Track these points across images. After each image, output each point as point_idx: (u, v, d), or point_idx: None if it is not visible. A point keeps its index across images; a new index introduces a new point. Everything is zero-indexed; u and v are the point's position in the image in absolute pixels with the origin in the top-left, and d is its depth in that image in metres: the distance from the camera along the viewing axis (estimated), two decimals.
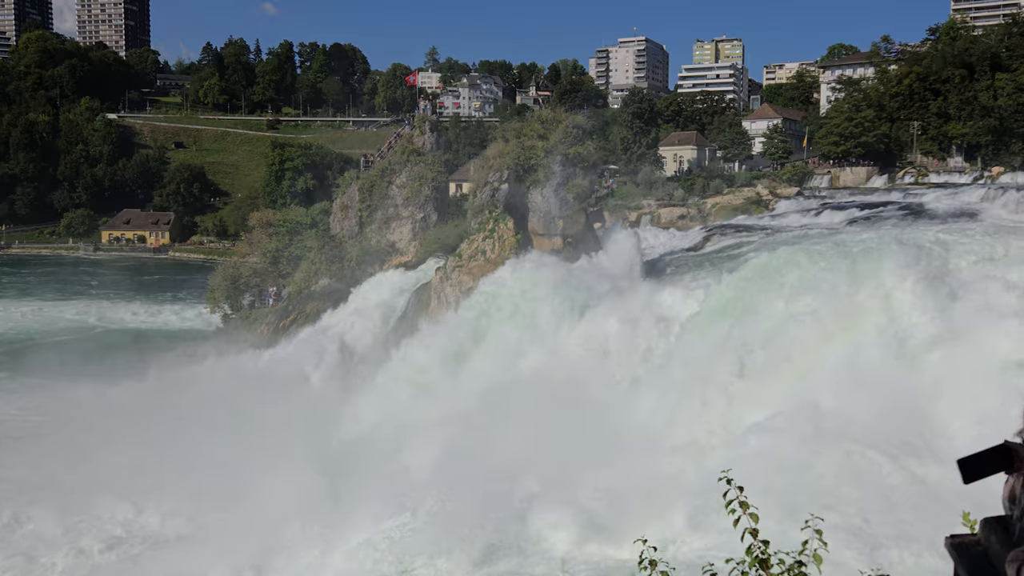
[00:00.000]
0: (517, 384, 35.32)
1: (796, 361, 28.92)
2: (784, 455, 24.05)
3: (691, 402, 29.93)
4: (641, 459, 27.47)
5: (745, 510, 5.32)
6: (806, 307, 30.54)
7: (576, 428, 29.64)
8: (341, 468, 32.55)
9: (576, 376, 34.53)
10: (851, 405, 26.02)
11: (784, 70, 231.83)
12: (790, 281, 32.32)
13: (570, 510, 25.64)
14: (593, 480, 26.86)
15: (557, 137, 50.13)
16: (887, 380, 26.78)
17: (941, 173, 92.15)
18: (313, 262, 63.87)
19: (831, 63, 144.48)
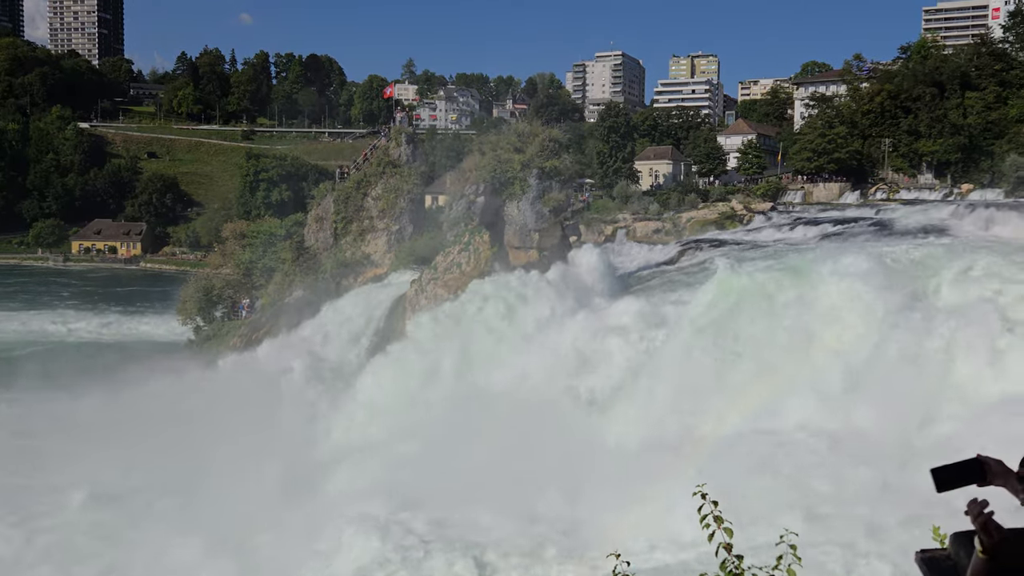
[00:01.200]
0: (484, 400, 35.05)
1: (771, 375, 28.98)
2: (759, 470, 24.01)
3: (664, 418, 29.86)
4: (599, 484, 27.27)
5: (719, 524, 5.26)
6: (782, 322, 30.66)
7: (536, 449, 29.41)
8: (294, 490, 31.95)
9: (544, 393, 34.37)
10: (831, 417, 26.08)
11: (758, 86, 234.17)
12: (765, 297, 32.42)
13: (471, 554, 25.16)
14: (545, 509, 26.60)
15: (533, 150, 50.13)
16: (869, 390, 26.86)
17: (912, 190, 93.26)
18: (287, 274, 63.33)
19: (804, 80, 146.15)
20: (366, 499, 29.17)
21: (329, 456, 37.57)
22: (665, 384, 31.55)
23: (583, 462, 28.85)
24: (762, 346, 30.39)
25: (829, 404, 26.71)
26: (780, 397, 27.67)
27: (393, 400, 40.67)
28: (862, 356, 28.14)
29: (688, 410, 29.54)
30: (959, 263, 33.04)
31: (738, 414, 28.05)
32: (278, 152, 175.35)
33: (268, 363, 51.57)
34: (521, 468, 28.60)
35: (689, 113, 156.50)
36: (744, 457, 24.90)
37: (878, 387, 26.76)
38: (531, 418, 32.31)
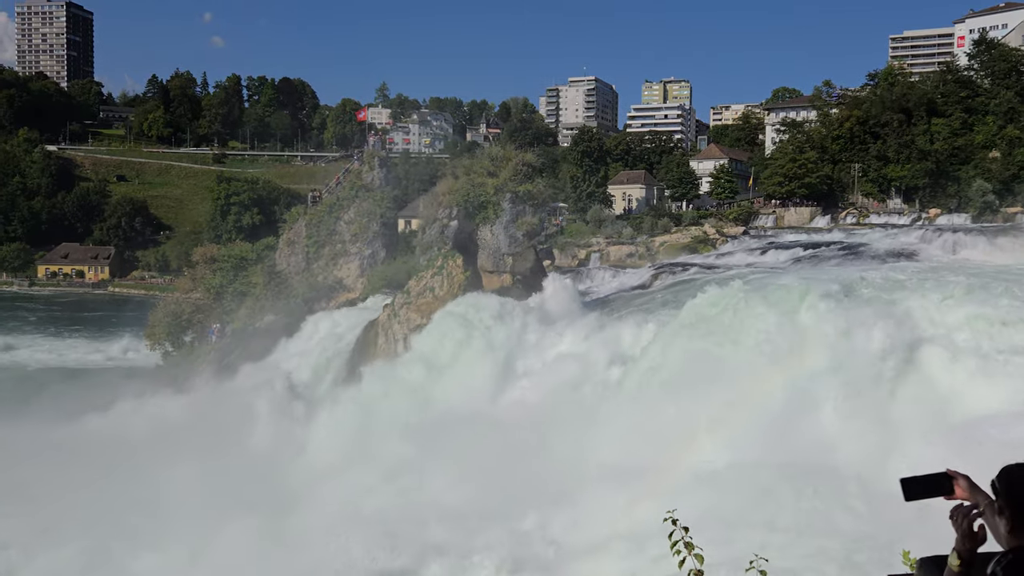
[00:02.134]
0: (455, 426, 34.69)
1: (746, 400, 28.89)
2: (736, 497, 23.84)
3: (637, 444, 29.65)
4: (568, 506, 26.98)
5: (690, 551, 5.25)
6: (754, 347, 30.65)
7: (509, 474, 29.12)
8: (263, 521, 31.19)
9: (514, 417, 34.10)
10: (801, 443, 26.00)
11: (730, 111, 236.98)
12: (737, 323, 32.45)
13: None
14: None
15: (507, 174, 50.08)
16: (836, 420, 26.89)
17: (881, 214, 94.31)
18: (258, 298, 62.71)
19: (775, 105, 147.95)
20: (338, 530, 28.60)
21: (300, 483, 36.86)
22: (636, 410, 31.40)
23: (555, 488, 28.52)
24: (731, 371, 30.38)
25: (795, 430, 26.68)
26: (749, 423, 27.61)
27: (365, 426, 40.13)
28: (826, 383, 28.24)
29: (657, 437, 29.38)
30: (927, 288, 33.35)
31: (708, 441, 27.94)
32: (250, 175, 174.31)
33: (238, 388, 50.83)
34: (495, 493, 28.25)
35: (662, 138, 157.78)
36: (715, 484, 24.72)
37: (839, 413, 26.83)
38: (502, 443, 31.99)
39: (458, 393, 38.68)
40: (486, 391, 37.87)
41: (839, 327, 30.25)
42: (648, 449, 28.49)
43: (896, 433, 25.87)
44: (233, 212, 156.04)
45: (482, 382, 38.96)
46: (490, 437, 32.17)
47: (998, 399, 25.31)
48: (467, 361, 41.03)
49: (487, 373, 39.50)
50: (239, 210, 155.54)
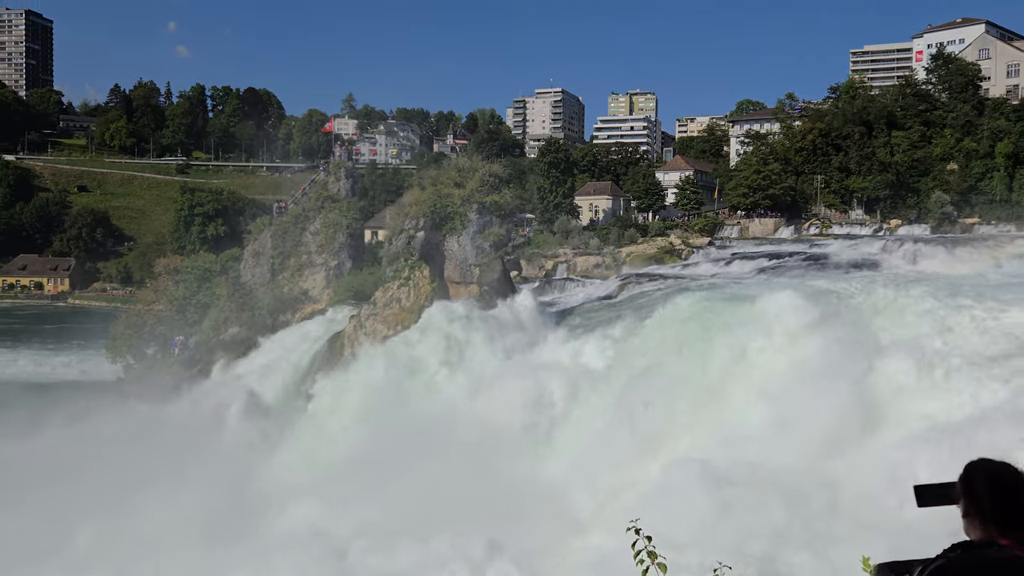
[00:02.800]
0: (424, 437, 34.49)
1: (710, 411, 29.05)
2: (694, 507, 23.94)
3: (595, 456, 29.71)
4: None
5: (653, 560, 5.21)
6: (714, 358, 30.87)
7: (476, 486, 29.00)
8: (228, 536, 30.70)
9: (483, 429, 33.98)
10: (761, 452, 26.17)
11: (695, 123, 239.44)
12: (696, 334, 32.69)
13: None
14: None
15: (474, 185, 50.07)
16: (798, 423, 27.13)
17: (844, 225, 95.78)
18: (222, 310, 62.08)
19: (739, 118, 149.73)
20: (304, 544, 28.25)
21: (266, 497, 36.39)
22: (601, 421, 31.47)
23: (521, 501, 28.43)
24: (696, 380, 30.59)
25: (759, 438, 26.85)
26: (713, 434, 27.77)
27: (331, 437, 39.79)
28: (791, 389, 28.49)
29: (624, 447, 29.46)
30: (887, 296, 33.85)
31: (673, 449, 28.06)
32: (214, 186, 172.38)
33: (202, 401, 50.16)
34: (460, 506, 28.10)
35: (628, 149, 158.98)
36: (677, 493, 24.81)
37: (804, 419, 27.08)
38: (471, 455, 31.87)
39: (422, 407, 38.48)
40: (449, 404, 37.71)
41: (802, 335, 30.55)
42: (609, 461, 28.54)
43: (855, 440, 26.13)
44: (197, 223, 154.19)
45: (446, 396, 38.81)
46: (450, 452, 32.00)
47: (952, 405, 25.68)
48: (432, 374, 40.84)
49: (451, 386, 39.35)
50: (203, 221, 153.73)
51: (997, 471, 3.81)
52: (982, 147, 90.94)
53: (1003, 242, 63.99)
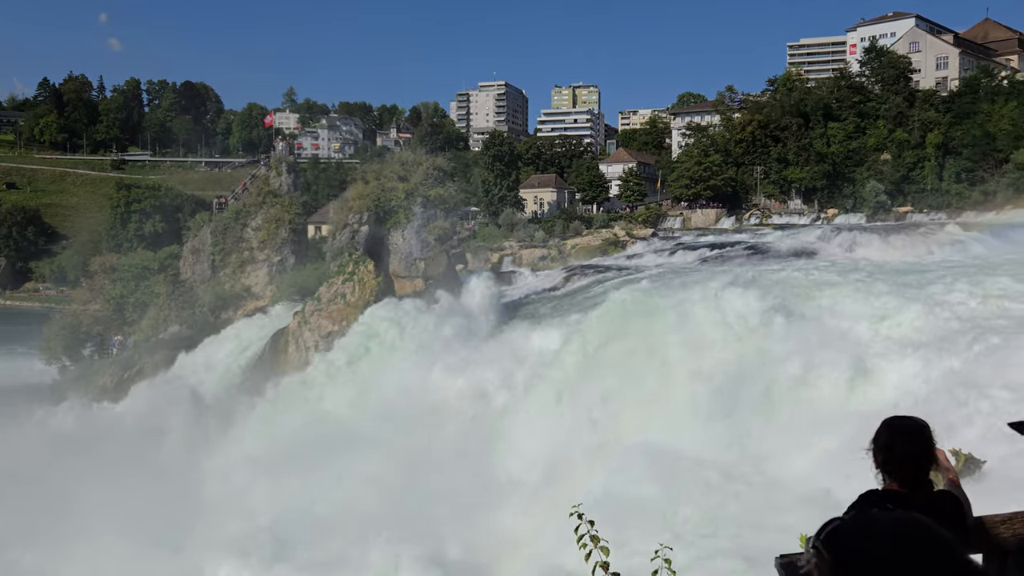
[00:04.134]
0: (374, 432, 34.29)
1: (658, 400, 29.40)
2: (641, 493, 24.24)
3: (544, 445, 29.89)
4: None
5: (596, 544, 5.38)
6: (662, 347, 31.24)
7: (425, 480, 28.94)
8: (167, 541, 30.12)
9: (432, 421, 33.94)
10: (704, 439, 26.59)
11: (638, 116, 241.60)
12: (647, 323, 33.03)
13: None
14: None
15: (418, 179, 49.88)
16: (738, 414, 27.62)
17: (783, 215, 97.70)
18: (162, 308, 60.89)
19: (680, 110, 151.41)
20: (248, 545, 27.86)
21: (210, 499, 35.78)
22: (548, 411, 31.65)
23: (474, 494, 28.43)
24: (643, 371, 30.94)
25: (702, 428, 27.29)
26: (657, 422, 28.13)
27: (276, 435, 39.27)
28: (734, 380, 28.99)
29: (573, 435, 29.67)
30: (827, 282, 34.63)
31: (622, 437, 28.35)
32: (151, 182, 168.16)
33: (142, 402, 49.10)
34: (411, 501, 28.02)
35: (572, 142, 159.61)
36: (625, 480, 25.10)
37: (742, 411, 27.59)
38: (419, 448, 31.79)
39: (372, 402, 38.23)
40: (398, 400, 37.53)
41: (746, 324, 31.08)
42: (558, 450, 28.72)
43: (797, 427, 26.68)
44: (134, 220, 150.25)
45: (392, 390, 38.61)
46: (399, 447, 31.89)
47: (892, 391, 26.38)
48: (378, 368, 40.61)
49: (399, 380, 39.15)
50: (140, 218, 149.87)
51: (897, 424, 4.33)
52: (913, 138, 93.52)
53: (934, 229, 66.04)
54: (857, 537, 1.79)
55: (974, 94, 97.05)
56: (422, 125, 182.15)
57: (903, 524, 1.75)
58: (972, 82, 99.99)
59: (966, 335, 27.48)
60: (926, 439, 4.34)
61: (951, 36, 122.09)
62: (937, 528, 1.77)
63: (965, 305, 30.58)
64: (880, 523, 1.80)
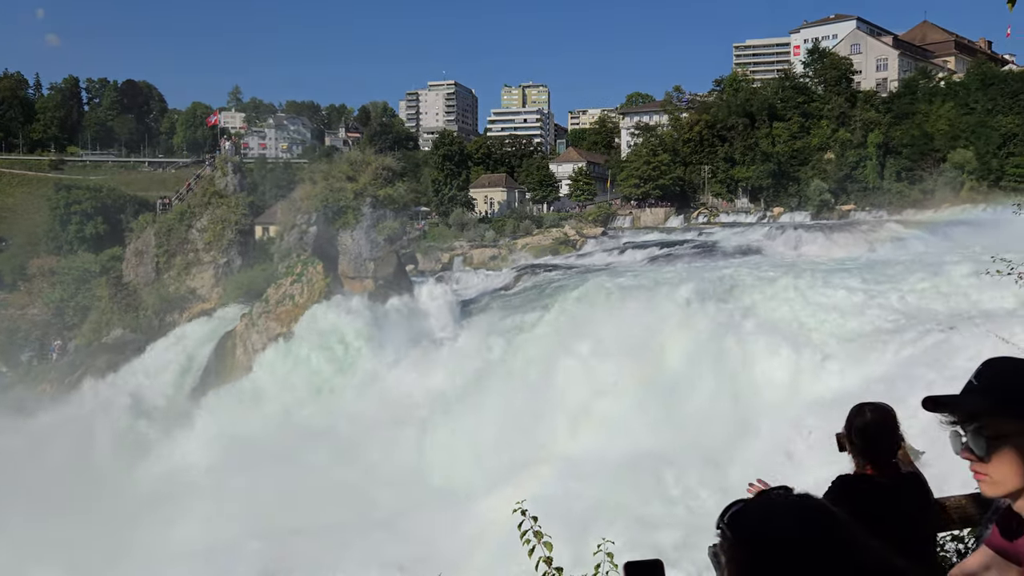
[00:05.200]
0: (319, 436, 33.92)
1: (606, 397, 29.56)
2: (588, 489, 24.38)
3: (496, 451, 29.88)
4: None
5: (539, 539, 5.53)
6: (607, 347, 31.45)
7: (370, 486, 28.72)
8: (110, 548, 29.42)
9: (379, 426, 33.67)
10: (653, 438, 26.82)
11: (587, 115, 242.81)
12: (598, 321, 33.21)
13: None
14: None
15: (367, 179, 49.57)
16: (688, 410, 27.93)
17: (730, 213, 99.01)
18: (104, 312, 59.75)
19: (629, 110, 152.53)
20: (193, 555, 27.32)
21: (152, 505, 35.02)
22: (496, 416, 31.64)
23: (415, 498, 28.28)
24: (592, 368, 31.11)
25: (652, 425, 27.54)
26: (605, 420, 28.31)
27: (221, 441, 38.62)
28: (684, 375, 29.32)
29: (516, 441, 29.73)
30: (769, 281, 35.23)
31: (569, 436, 28.47)
32: (92, 183, 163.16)
33: (84, 408, 48.02)
34: (355, 508, 27.76)
35: (522, 141, 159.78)
36: (573, 477, 25.21)
37: (694, 406, 27.91)
38: (366, 452, 31.54)
39: (315, 406, 37.80)
40: (343, 401, 37.18)
41: (696, 322, 31.45)
42: (507, 449, 28.72)
43: (749, 419, 27.05)
44: (74, 222, 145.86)
45: (339, 393, 38.25)
46: (345, 451, 31.60)
47: (840, 383, 26.90)
48: (325, 371, 40.18)
49: (344, 382, 38.79)
50: (81, 219, 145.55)
51: (869, 409, 4.60)
52: (855, 137, 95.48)
53: (876, 227, 67.58)
54: (758, 518, 1.85)
55: (912, 95, 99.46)
56: (371, 125, 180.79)
57: (804, 506, 1.84)
58: (911, 83, 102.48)
59: (910, 330, 28.17)
60: (894, 423, 4.62)
61: (890, 38, 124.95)
62: (836, 511, 1.84)
63: (908, 300, 31.36)
64: (781, 504, 1.86)
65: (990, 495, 2.53)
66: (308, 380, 40.42)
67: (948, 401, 2.50)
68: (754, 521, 1.85)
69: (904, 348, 26.82)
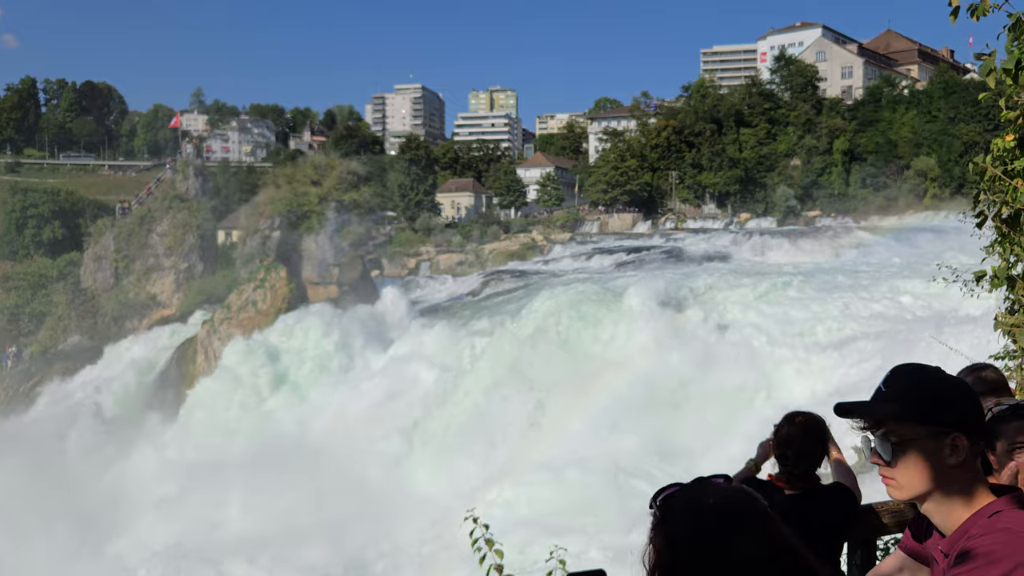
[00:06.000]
0: (285, 445, 33.24)
1: (577, 404, 29.27)
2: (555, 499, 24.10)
3: (463, 457, 29.52)
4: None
5: (491, 547, 5.60)
6: (579, 352, 31.18)
7: (340, 495, 28.19)
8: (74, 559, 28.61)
9: (347, 434, 33.09)
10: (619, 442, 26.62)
11: (555, 120, 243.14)
12: (566, 328, 32.96)
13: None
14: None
15: (332, 183, 48.94)
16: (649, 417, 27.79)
17: (697, 219, 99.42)
18: (61, 318, 58.54)
19: (597, 115, 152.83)
20: (152, 567, 26.56)
21: (113, 519, 34.10)
22: (466, 422, 31.28)
23: (388, 508, 27.75)
24: (562, 374, 30.87)
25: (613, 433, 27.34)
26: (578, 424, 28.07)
27: (182, 450, 37.78)
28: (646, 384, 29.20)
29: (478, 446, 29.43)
30: (735, 286, 35.24)
31: (540, 443, 28.20)
32: (50, 186, 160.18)
33: (41, 416, 46.89)
34: (324, 516, 27.22)
35: (489, 146, 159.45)
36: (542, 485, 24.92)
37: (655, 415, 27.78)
38: (334, 462, 30.96)
39: (279, 413, 37.10)
40: (309, 409, 36.53)
41: (662, 325, 31.30)
42: (477, 458, 28.32)
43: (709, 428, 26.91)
44: (31, 226, 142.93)
45: (304, 400, 37.58)
46: (311, 461, 30.99)
47: (806, 388, 26.85)
48: (290, 378, 39.46)
49: (310, 390, 38.14)
50: (38, 223, 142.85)
51: (795, 420, 4.75)
52: (821, 144, 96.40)
53: (841, 233, 68.14)
54: (685, 500, 1.92)
55: (877, 102, 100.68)
56: (336, 128, 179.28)
57: (729, 491, 1.93)
58: (875, 91, 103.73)
59: (864, 339, 28.27)
60: (821, 433, 4.73)
61: (855, 46, 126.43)
62: (760, 501, 1.93)
63: (870, 307, 31.48)
64: (711, 488, 1.95)
65: (896, 499, 2.61)
66: (269, 387, 39.66)
67: (856, 408, 2.58)
68: (680, 504, 1.89)
69: (857, 356, 26.94)
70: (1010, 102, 6.38)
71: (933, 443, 2.47)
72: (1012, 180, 6.18)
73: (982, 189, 6.68)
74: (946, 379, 2.60)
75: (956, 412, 2.51)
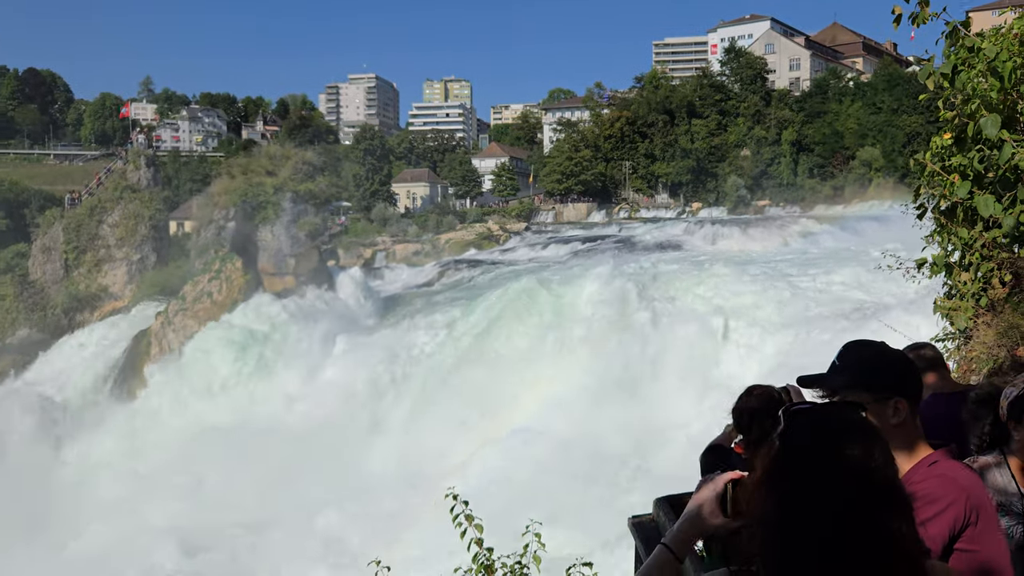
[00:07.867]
0: (246, 433, 33.21)
1: (533, 389, 29.73)
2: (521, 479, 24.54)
3: (428, 441, 29.83)
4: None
5: (471, 522, 5.80)
6: (543, 338, 31.65)
7: (304, 480, 28.36)
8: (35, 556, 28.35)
9: (309, 420, 33.21)
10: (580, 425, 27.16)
11: (510, 111, 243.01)
12: (524, 315, 33.38)
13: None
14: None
15: (287, 173, 48.71)
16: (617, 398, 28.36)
17: (651, 209, 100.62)
18: (8, 311, 57.30)
19: (551, 105, 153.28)
20: (117, 556, 26.49)
21: (65, 516, 33.74)
22: (429, 405, 31.58)
23: (354, 491, 27.98)
24: (523, 358, 31.32)
25: (578, 410, 27.88)
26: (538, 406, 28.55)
27: (140, 443, 37.49)
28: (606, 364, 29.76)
29: (455, 426, 29.74)
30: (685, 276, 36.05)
31: (501, 424, 28.64)
32: None
33: None
34: (291, 500, 27.38)
35: (444, 136, 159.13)
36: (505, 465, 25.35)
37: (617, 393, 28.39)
38: (297, 448, 31.07)
39: (244, 404, 37.00)
40: (274, 400, 36.48)
41: (617, 310, 31.89)
42: (441, 440, 28.67)
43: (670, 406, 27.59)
44: None
45: (265, 389, 37.51)
46: (275, 449, 31.04)
47: (755, 369, 27.70)
48: (246, 371, 39.33)
49: (271, 380, 38.07)
50: None
51: (754, 392, 4.95)
52: (770, 135, 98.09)
53: (789, 222, 69.60)
54: (809, 416, 2.05)
55: (823, 94, 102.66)
56: (290, 118, 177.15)
57: (848, 413, 2.08)
58: (822, 83, 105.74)
59: (817, 321, 29.20)
60: (776, 405, 4.83)
61: (803, 39, 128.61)
62: (872, 424, 2.08)
63: (817, 291, 32.49)
64: (832, 409, 2.15)
65: None
66: (227, 377, 39.50)
67: (815, 380, 3.00)
68: (803, 424, 2.01)
69: (809, 337, 27.85)
70: (947, 103, 6.93)
71: (878, 407, 2.90)
72: (949, 176, 6.72)
73: (922, 183, 7.24)
74: (888, 352, 3.05)
75: (896, 380, 2.97)
